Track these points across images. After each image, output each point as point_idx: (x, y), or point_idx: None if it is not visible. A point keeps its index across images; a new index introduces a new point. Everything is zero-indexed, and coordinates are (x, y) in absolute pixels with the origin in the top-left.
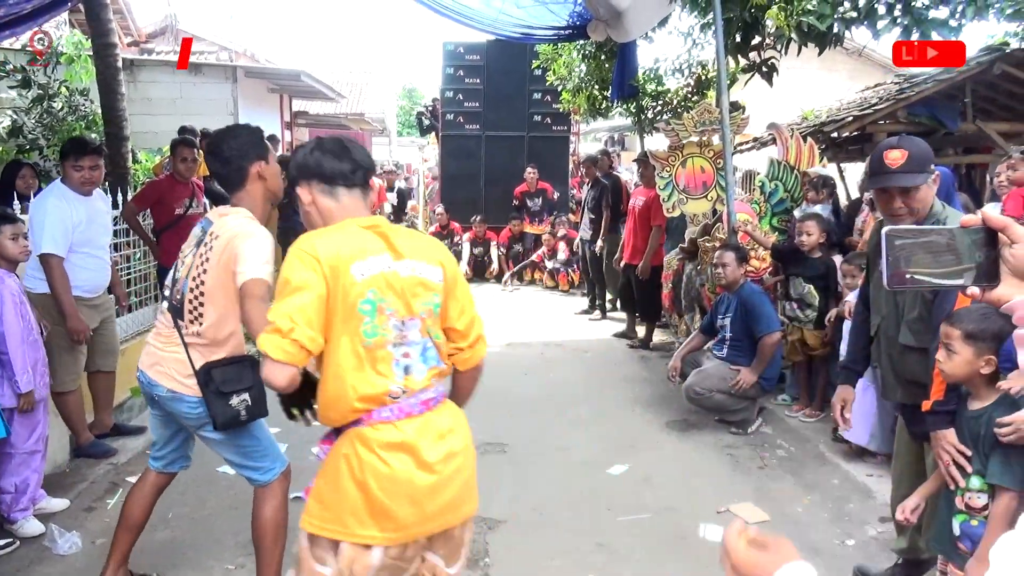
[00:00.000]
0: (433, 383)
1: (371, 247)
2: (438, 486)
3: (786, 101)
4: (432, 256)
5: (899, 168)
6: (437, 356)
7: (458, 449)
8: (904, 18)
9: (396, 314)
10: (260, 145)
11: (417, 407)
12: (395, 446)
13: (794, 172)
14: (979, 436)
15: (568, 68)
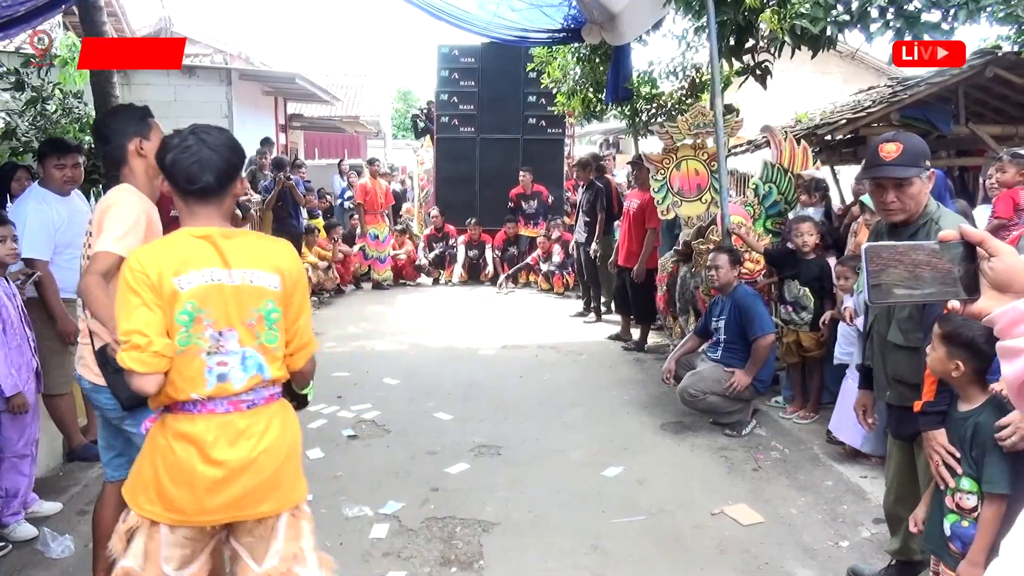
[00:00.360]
0: (255, 388)
1: (200, 259)
2: (222, 481)
3: (780, 104)
4: (269, 263)
5: (892, 160)
6: (261, 364)
7: (258, 451)
8: (896, 21)
9: (215, 325)
10: (139, 123)
11: (222, 406)
12: (185, 436)
13: (788, 175)
14: (965, 438)
15: (563, 71)
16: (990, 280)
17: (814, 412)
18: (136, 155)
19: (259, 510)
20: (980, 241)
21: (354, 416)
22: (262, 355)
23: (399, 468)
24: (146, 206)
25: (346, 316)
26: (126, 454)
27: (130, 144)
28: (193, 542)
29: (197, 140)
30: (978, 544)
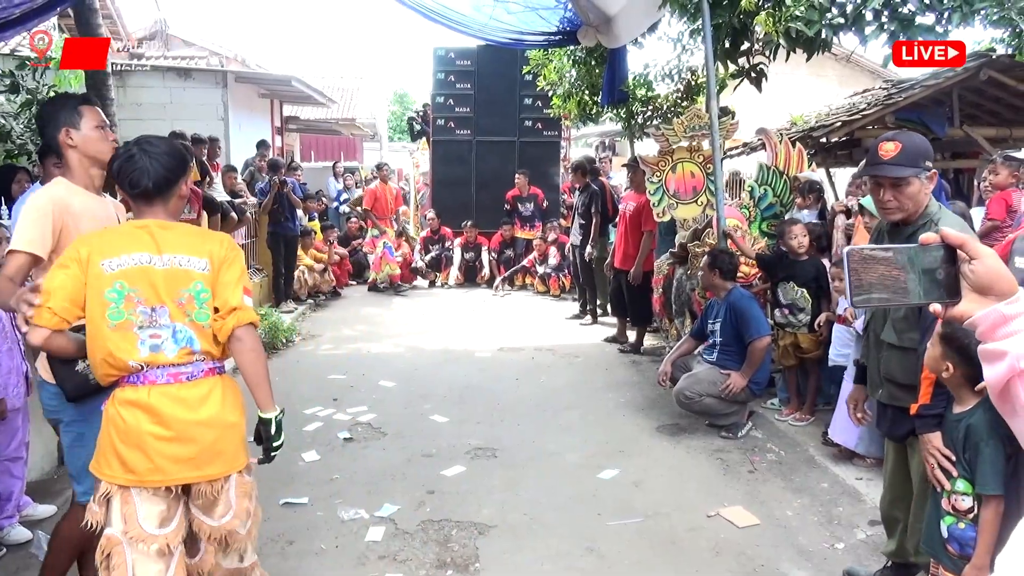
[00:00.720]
0: (187, 360)
1: (132, 245)
2: (168, 440)
3: (775, 106)
4: (198, 249)
5: (890, 159)
6: (191, 337)
7: (201, 418)
8: (891, 24)
9: (145, 302)
10: (69, 112)
11: (163, 377)
12: (132, 403)
13: (783, 177)
14: (958, 440)
15: (559, 73)
16: (971, 283)
17: (810, 414)
18: (66, 145)
19: (207, 472)
20: (960, 244)
21: (350, 419)
22: (193, 330)
23: (395, 471)
24: (61, 197)
25: (342, 318)
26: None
27: (59, 135)
28: (165, 500)
29: (140, 150)
30: (981, 546)
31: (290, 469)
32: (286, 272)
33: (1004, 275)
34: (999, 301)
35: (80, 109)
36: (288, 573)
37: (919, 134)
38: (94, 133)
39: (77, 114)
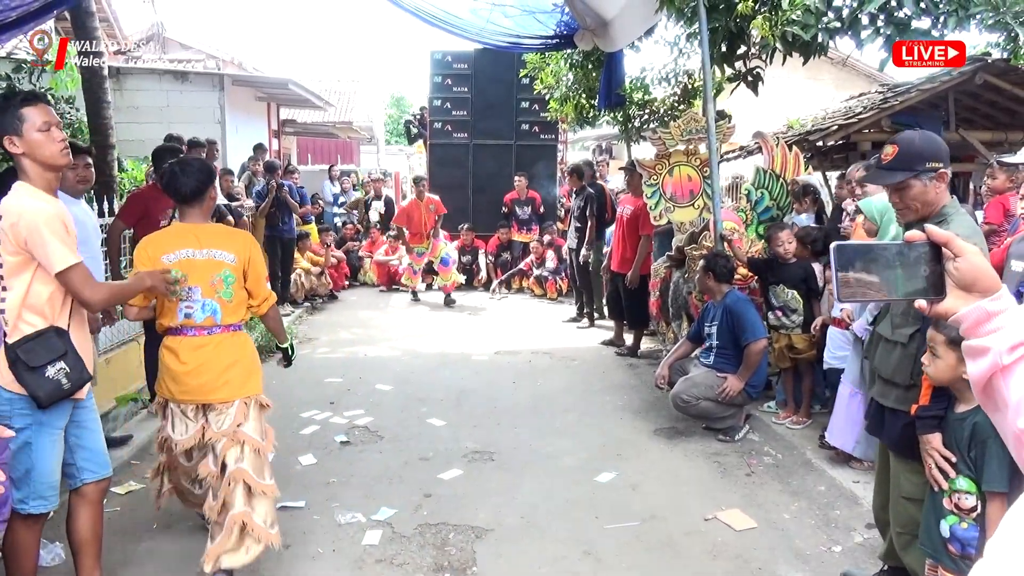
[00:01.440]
0: (209, 324)
1: (182, 243)
2: (188, 375)
3: (772, 110)
4: (228, 245)
5: (886, 164)
6: (216, 310)
7: (210, 359)
8: (887, 28)
9: (184, 282)
10: (8, 117)
11: (191, 332)
12: (170, 349)
13: (780, 180)
14: (963, 439)
15: (555, 77)
16: (955, 280)
17: (806, 417)
18: (13, 153)
19: (215, 396)
20: (945, 242)
21: (347, 422)
22: (218, 303)
23: (392, 474)
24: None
25: (339, 322)
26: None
27: (4, 142)
28: (186, 417)
29: (180, 170)
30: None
31: (287, 473)
32: (282, 275)
33: (987, 272)
34: (982, 298)
35: (20, 112)
36: None
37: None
38: (37, 136)
39: (17, 119)
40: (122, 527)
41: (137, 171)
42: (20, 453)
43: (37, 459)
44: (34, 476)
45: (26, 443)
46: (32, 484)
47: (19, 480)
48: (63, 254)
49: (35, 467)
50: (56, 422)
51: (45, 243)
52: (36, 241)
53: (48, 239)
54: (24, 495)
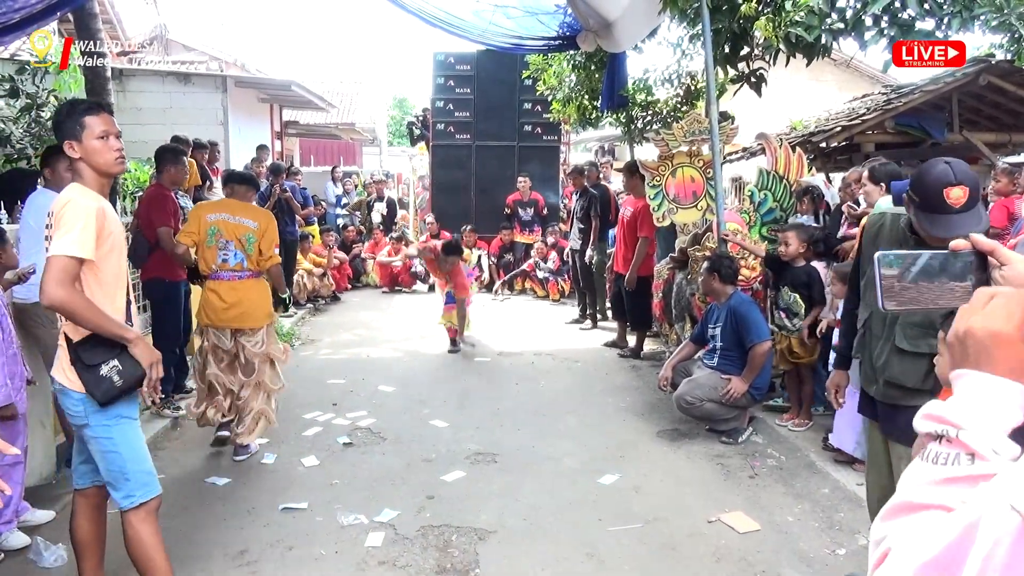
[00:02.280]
0: (239, 268)
1: (223, 209)
2: (227, 309)
3: (775, 111)
4: (253, 217)
5: (963, 208)
6: (243, 258)
7: (240, 297)
8: (891, 29)
9: (224, 236)
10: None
11: (226, 275)
12: (213, 291)
13: (783, 182)
14: None
15: (558, 78)
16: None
17: (807, 419)
18: (72, 157)
19: (246, 324)
20: (991, 250)
21: (349, 423)
22: (243, 255)
23: (395, 476)
24: (99, 204)
25: (341, 323)
26: (92, 461)
27: (65, 146)
28: (222, 338)
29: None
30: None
31: (289, 474)
32: (285, 276)
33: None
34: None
35: (83, 120)
36: None
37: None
38: (95, 144)
39: (79, 126)
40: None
41: (140, 172)
42: (109, 454)
43: (128, 453)
44: (130, 470)
45: (108, 440)
46: (131, 478)
47: (116, 480)
48: (73, 242)
49: (128, 459)
50: (132, 413)
51: (72, 226)
52: (66, 221)
53: (76, 224)
54: (127, 491)
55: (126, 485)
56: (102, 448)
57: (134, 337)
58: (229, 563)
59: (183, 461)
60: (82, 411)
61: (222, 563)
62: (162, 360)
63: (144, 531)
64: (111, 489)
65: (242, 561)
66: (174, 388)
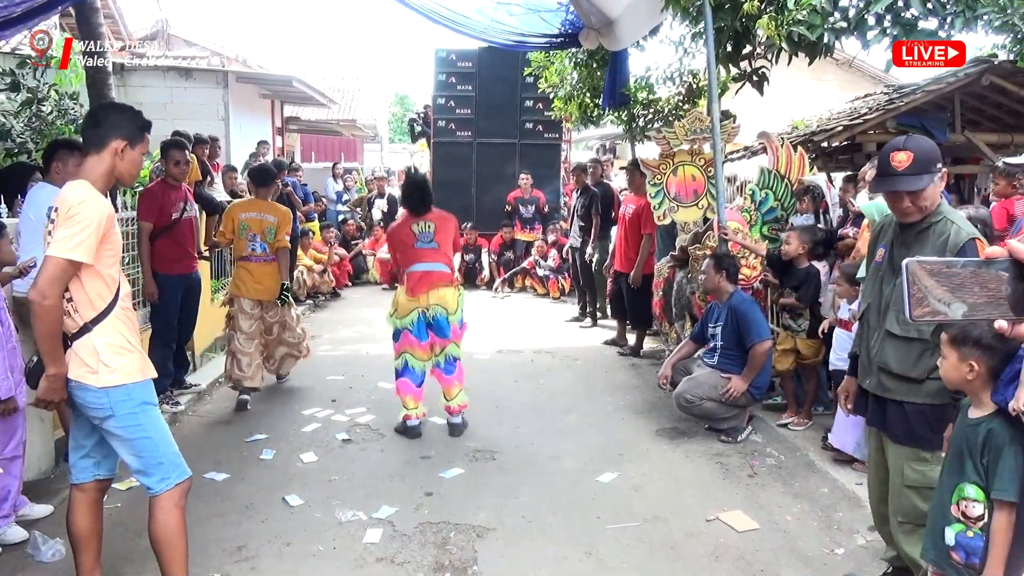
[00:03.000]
0: (263, 255)
1: (252, 208)
2: (256, 283)
3: (776, 110)
4: (274, 214)
5: (904, 171)
6: (265, 247)
7: (266, 276)
8: (893, 28)
9: (250, 231)
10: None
11: (254, 260)
12: (246, 269)
13: (784, 181)
14: (975, 444)
15: (560, 76)
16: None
17: (807, 418)
18: (115, 152)
19: (264, 297)
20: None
21: (348, 420)
22: (266, 244)
23: (393, 472)
24: (109, 208)
25: (341, 320)
26: (93, 455)
27: (114, 140)
28: (255, 309)
29: (262, 169)
30: (993, 556)
31: (288, 470)
32: None
33: None
34: None
35: (144, 134)
36: (285, 574)
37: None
38: (138, 159)
39: (140, 137)
40: (123, 523)
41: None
42: (141, 441)
43: (159, 437)
44: (163, 452)
45: (138, 426)
46: (165, 461)
47: (149, 467)
48: (78, 244)
49: (158, 442)
50: (154, 399)
51: (81, 228)
52: (76, 220)
53: (86, 227)
54: (163, 474)
55: (160, 468)
56: (132, 437)
57: (53, 372)
58: (227, 558)
59: (182, 456)
60: (107, 403)
61: (220, 558)
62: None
63: (176, 515)
64: (142, 477)
65: (240, 556)
66: (173, 383)
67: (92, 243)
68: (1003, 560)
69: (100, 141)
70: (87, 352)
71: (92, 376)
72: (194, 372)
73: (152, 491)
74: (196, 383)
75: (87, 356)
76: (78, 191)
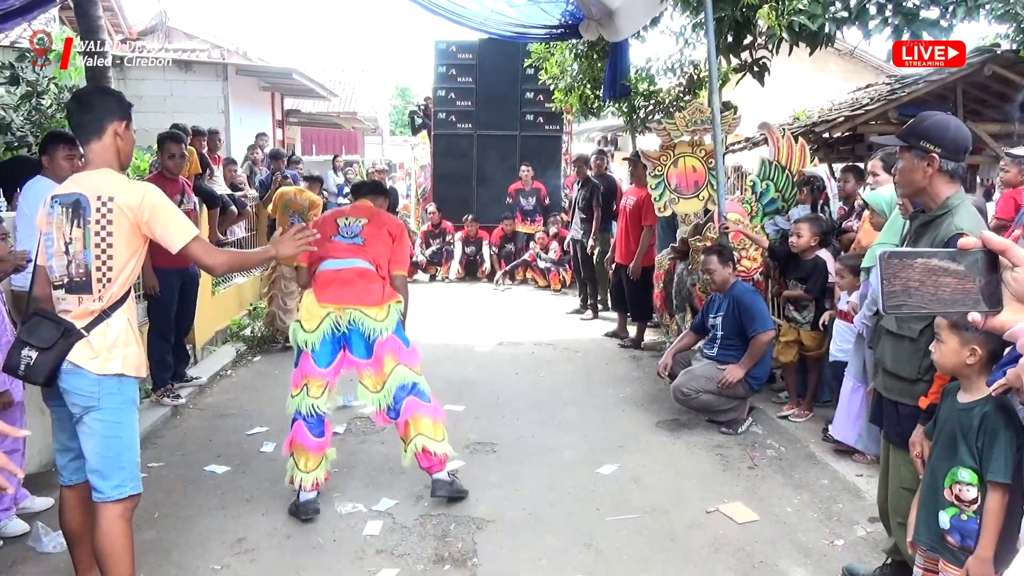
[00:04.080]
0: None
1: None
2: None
3: (778, 101)
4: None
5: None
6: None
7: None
8: (895, 18)
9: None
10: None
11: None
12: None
13: (785, 172)
14: (969, 428)
15: (560, 67)
16: (1013, 291)
17: (808, 410)
18: (115, 134)
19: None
20: (1003, 250)
21: (348, 413)
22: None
23: (393, 465)
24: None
25: None
26: (82, 457)
27: (112, 123)
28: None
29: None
30: (985, 537)
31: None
32: None
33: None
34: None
35: (130, 110)
36: (286, 567)
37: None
38: (133, 137)
39: (129, 114)
40: None
41: (141, 160)
42: (108, 439)
43: (129, 438)
44: (126, 457)
45: (114, 424)
46: (126, 465)
47: (108, 468)
48: (187, 222)
49: (127, 447)
50: (137, 400)
51: (174, 211)
52: (163, 209)
53: (170, 208)
54: (120, 480)
55: (119, 474)
56: (105, 432)
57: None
58: (227, 551)
59: (182, 449)
60: (96, 392)
61: (220, 551)
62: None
63: (122, 527)
64: (98, 479)
65: (240, 549)
66: (173, 376)
67: (183, 215)
68: (995, 540)
69: (99, 127)
70: (98, 336)
71: (92, 362)
72: (195, 365)
73: (102, 496)
74: (197, 376)
75: (96, 340)
76: (121, 182)
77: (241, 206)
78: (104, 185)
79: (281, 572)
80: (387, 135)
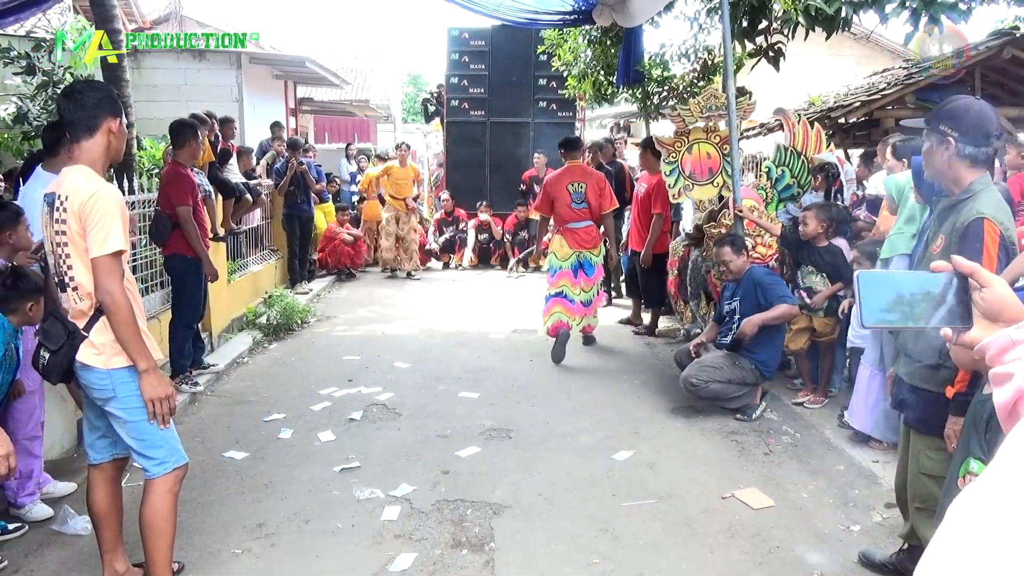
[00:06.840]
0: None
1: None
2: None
3: (793, 87)
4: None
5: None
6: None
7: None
8: (913, 1)
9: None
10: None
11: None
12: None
13: (801, 158)
14: (982, 419)
15: (573, 54)
16: (982, 310)
17: (823, 396)
18: (108, 132)
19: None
20: (971, 272)
21: (365, 399)
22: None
23: (410, 451)
24: (117, 191)
25: (356, 300)
26: (110, 435)
27: (105, 121)
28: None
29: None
30: None
31: (306, 449)
32: (300, 253)
33: (1013, 303)
34: (1007, 327)
35: (118, 105)
36: (305, 551)
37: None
38: (124, 132)
39: (120, 109)
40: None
41: (155, 149)
42: (138, 424)
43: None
44: (160, 436)
45: (137, 409)
46: (162, 443)
47: (147, 449)
48: (117, 235)
49: (158, 428)
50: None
51: (112, 220)
52: (102, 215)
53: (115, 217)
54: (161, 457)
55: (158, 451)
56: (129, 418)
57: (148, 367)
58: (247, 535)
59: (201, 436)
60: (109, 384)
61: (240, 535)
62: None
63: (168, 500)
64: (141, 458)
65: (260, 533)
66: (192, 363)
67: (120, 228)
68: None
69: (92, 124)
70: (98, 334)
71: (97, 357)
72: (211, 353)
73: (148, 473)
74: (214, 363)
75: (97, 337)
76: (81, 182)
77: (256, 194)
78: (68, 183)
79: (300, 556)
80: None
